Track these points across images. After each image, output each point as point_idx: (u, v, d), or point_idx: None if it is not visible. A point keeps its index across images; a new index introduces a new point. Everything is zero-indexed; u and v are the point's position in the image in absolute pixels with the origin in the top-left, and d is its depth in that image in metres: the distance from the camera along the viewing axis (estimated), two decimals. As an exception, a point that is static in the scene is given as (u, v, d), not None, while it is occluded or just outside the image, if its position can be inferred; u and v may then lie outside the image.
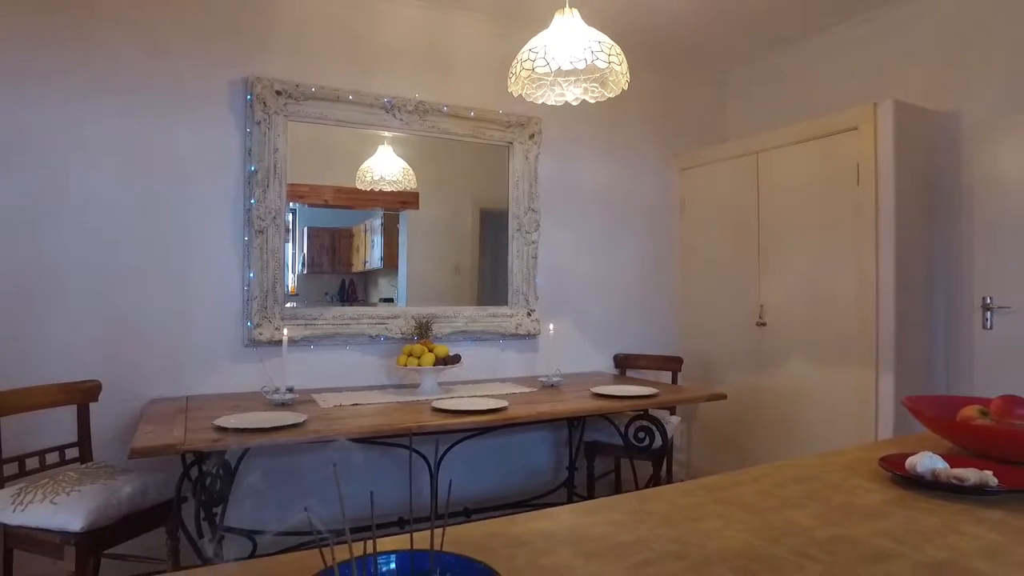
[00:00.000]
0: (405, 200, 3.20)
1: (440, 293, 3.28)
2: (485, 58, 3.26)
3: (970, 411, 1.32)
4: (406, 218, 3.23)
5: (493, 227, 3.38)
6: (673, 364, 3.39)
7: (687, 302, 3.82)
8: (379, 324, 2.94)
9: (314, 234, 3.06)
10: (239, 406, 2.31)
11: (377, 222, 3.26)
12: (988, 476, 1.01)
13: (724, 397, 2.82)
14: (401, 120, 3.01)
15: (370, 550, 0.62)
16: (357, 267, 3.21)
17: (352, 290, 3.19)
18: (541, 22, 3.19)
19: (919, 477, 1.06)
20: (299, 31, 2.86)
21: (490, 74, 3.24)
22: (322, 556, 0.57)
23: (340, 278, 3.16)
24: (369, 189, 3.08)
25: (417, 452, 2.78)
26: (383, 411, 2.34)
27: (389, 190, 3.12)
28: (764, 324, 3.32)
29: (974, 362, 2.82)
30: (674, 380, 3.36)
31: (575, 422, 3.19)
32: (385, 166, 3.11)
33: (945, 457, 1.10)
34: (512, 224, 3.30)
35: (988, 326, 2.73)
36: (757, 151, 3.40)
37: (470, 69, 3.23)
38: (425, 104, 3.04)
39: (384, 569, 0.63)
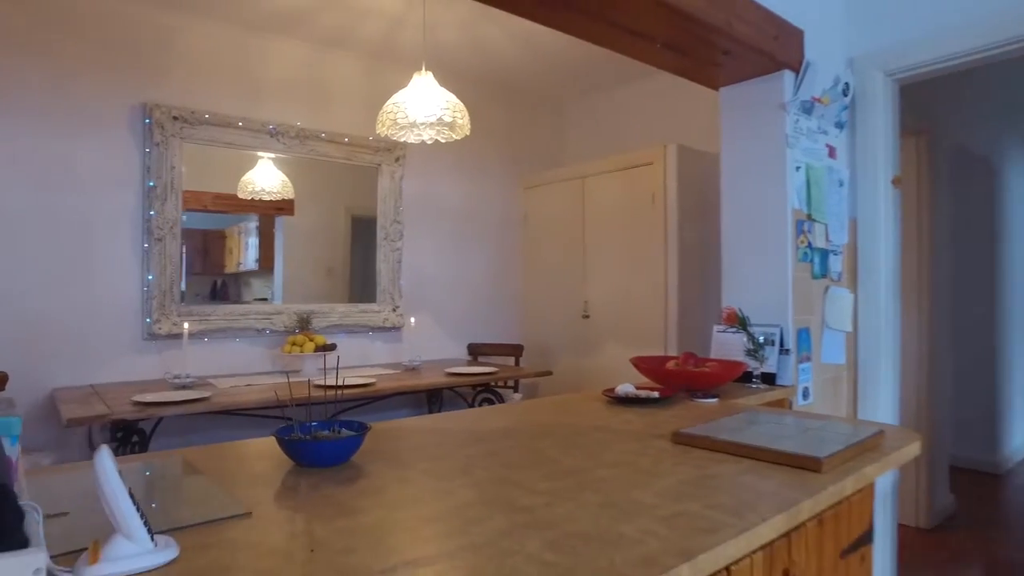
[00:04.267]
0: (281, 206, 3.63)
1: (315, 292, 3.69)
2: (359, 91, 3.83)
3: (670, 363, 2.14)
4: (282, 223, 3.60)
5: (363, 233, 3.89)
6: (516, 350, 4.14)
7: (528, 299, 4.59)
8: (265, 319, 3.43)
9: (187, 235, 3.24)
10: (146, 390, 2.73)
11: (252, 225, 3.62)
12: (653, 394, 1.81)
13: (550, 373, 3.60)
14: (284, 144, 3.51)
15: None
16: (230, 268, 3.46)
17: (224, 290, 3.46)
18: (406, 61, 3.87)
19: (621, 396, 1.84)
20: (195, 63, 3.28)
21: (363, 105, 3.82)
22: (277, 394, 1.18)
23: (211, 279, 3.37)
24: (249, 199, 3.46)
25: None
26: (272, 388, 2.86)
27: (268, 199, 3.51)
28: (588, 317, 4.15)
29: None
30: (516, 363, 4.11)
31: (433, 397, 3.84)
32: (266, 179, 3.51)
33: (638, 386, 1.89)
34: (380, 233, 3.89)
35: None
36: (584, 176, 4.22)
37: (346, 100, 3.79)
38: (306, 131, 3.56)
39: (312, 424, 1.25)
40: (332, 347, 3.29)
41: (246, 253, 3.52)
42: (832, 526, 1.15)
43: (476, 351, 4.25)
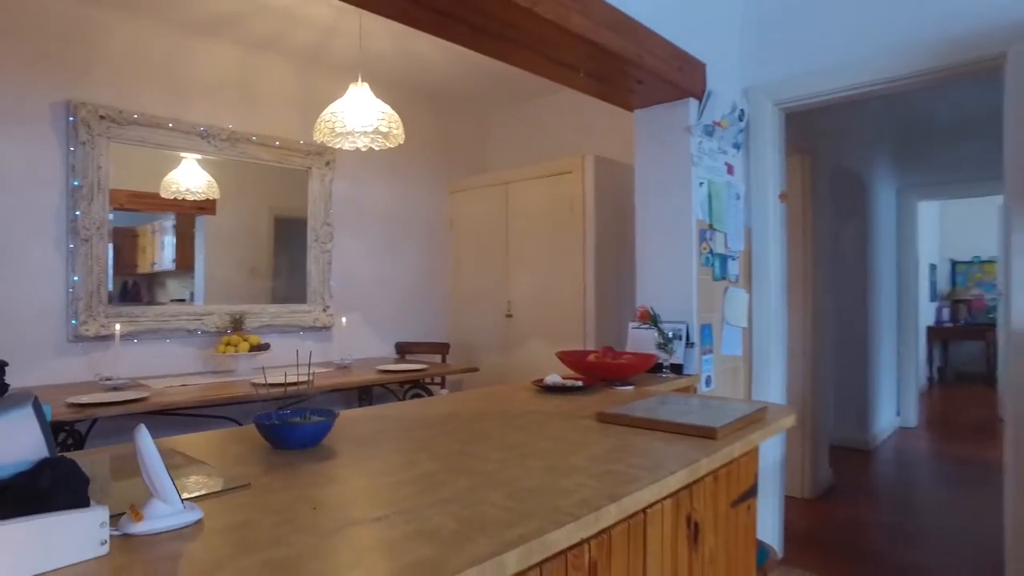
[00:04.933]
0: (203, 206, 3.63)
1: (238, 293, 3.68)
2: (291, 95, 3.90)
3: (591, 356, 2.39)
4: (203, 223, 3.57)
5: (288, 233, 3.93)
6: (443, 349, 4.32)
7: (454, 299, 4.78)
8: (196, 320, 3.45)
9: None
10: (75, 392, 2.71)
11: (168, 224, 3.60)
12: (577, 383, 2.05)
13: (476, 370, 3.81)
14: (215, 147, 3.53)
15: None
16: (143, 268, 3.39)
17: (135, 291, 3.38)
18: (339, 68, 3.96)
19: (549, 385, 2.07)
20: (123, 61, 3.25)
21: (294, 109, 3.89)
22: (255, 388, 1.33)
23: (121, 279, 3.26)
24: (173, 198, 3.42)
25: (237, 423, 3.36)
26: (210, 388, 2.92)
27: (193, 199, 3.48)
28: (511, 316, 4.39)
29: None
30: (443, 361, 4.29)
31: (363, 394, 3.96)
32: (191, 179, 3.49)
33: (563, 377, 2.13)
34: (310, 235, 3.97)
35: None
36: (507, 182, 4.45)
37: (277, 104, 3.84)
38: (237, 133, 3.60)
39: (285, 412, 1.40)
40: (266, 347, 3.36)
41: (161, 252, 3.47)
42: (724, 481, 1.42)
43: (404, 349, 4.40)
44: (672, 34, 2.43)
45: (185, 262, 3.53)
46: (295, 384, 2.97)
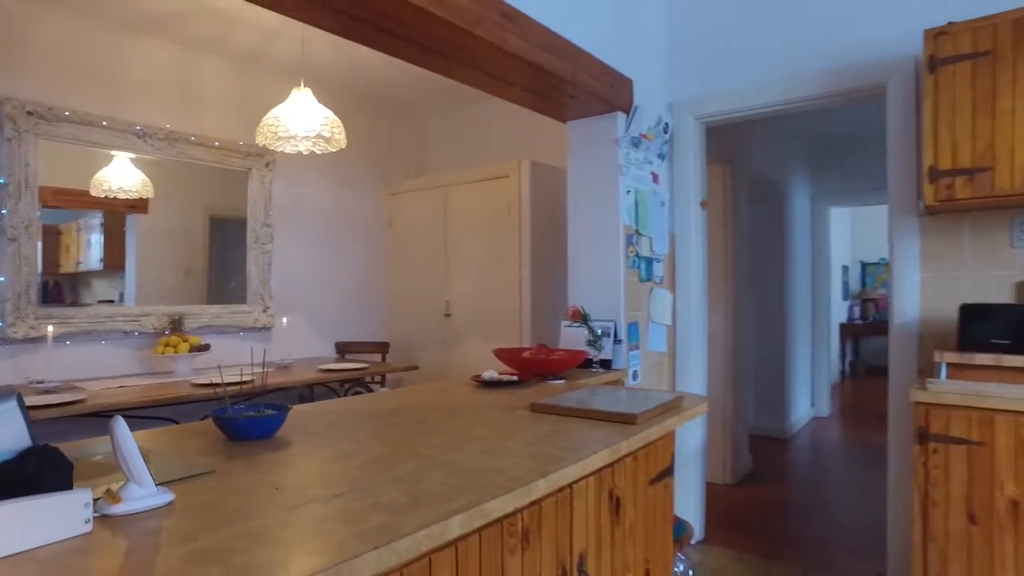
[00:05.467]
0: (135, 205, 3.58)
1: (171, 294, 3.64)
2: (231, 96, 3.89)
3: (526, 353, 2.55)
4: (135, 221, 3.51)
5: (225, 233, 3.91)
6: (382, 348, 4.40)
7: (393, 299, 4.86)
8: (133, 321, 3.41)
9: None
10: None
11: (95, 222, 3.53)
12: (512, 377, 2.20)
13: (416, 368, 3.92)
14: (152, 146, 3.50)
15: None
16: (67, 268, 3.28)
17: (58, 291, 3.27)
18: (280, 71, 3.98)
19: (486, 380, 2.22)
20: (53, 57, 3.19)
21: (234, 110, 3.89)
22: (215, 388, 1.42)
23: (43, 280, 3.14)
24: (104, 196, 3.35)
25: (176, 423, 3.34)
26: (150, 388, 2.92)
27: (125, 198, 3.42)
28: (450, 315, 4.51)
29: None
30: (383, 359, 4.37)
31: (304, 393, 4.00)
32: (123, 177, 3.42)
33: (500, 373, 2.28)
34: (250, 236, 3.98)
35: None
36: (446, 185, 4.56)
37: (217, 105, 3.83)
38: (175, 133, 3.58)
39: (240, 407, 1.49)
40: (206, 347, 3.36)
41: (88, 252, 3.39)
42: (643, 462, 1.60)
43: (344, 349, 4.45)
44: (603, 53, 2.62)
45: (114, 262, 3.46)
46: (248, 382, 3.01)
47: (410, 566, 0.92)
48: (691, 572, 2.18)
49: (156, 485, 1.01)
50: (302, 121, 2.94)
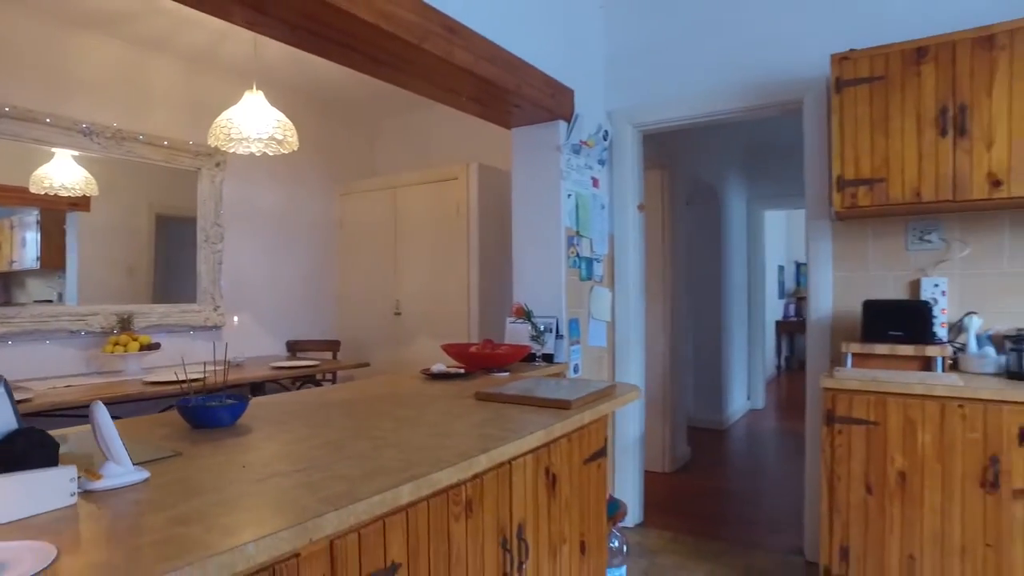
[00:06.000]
0: (76, 202, 3.54)
1: (115, 293, 3.59)
2: (180, 95, 3.90)
3: (473, 348, 2.70)
4: (75, 219, 3.44)
5: (173, 232, 3.89)
6: (333, 346, 4.47)
7: (344, 298, 4.93)
8: (79, 320, 3.41)
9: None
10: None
11: (30, 219, 3.46)
12: (460, 370, 2.35)
13: (367, 365, 4.01)
14: (100, 144, 3.50)
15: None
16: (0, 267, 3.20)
17: None
18: (232, 71, 4.01)
19: (435, 373, 2.35)
20: (-7, 57, 3.17)
21: (184, 109, 3.91)
22: (181, 385, 1.52)
23: None
24: (44, 193, 3.29)
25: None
26: (99, 388, 2.94)
27: (67, 195, 3.37)
28: (400, 314, 4.61)
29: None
30: (334, 357, 4.45)
31: (256, 390, 4.04)
32: (65, 175, 3.37)
33: (448, 366, 2.42)
34: (200, 235, 4.00)
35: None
36: (396, 186, 4.66)
37: (166, 104, 3.84)
38: (123, 132, 3.58)
39: (203, 398, 1.59)
40: (157, 346, 3.39)
41: (22, 250, 3.32)
42: (577, 443, 1.77)
43: (295, 347, 4.50)
44: (545, 65, 2.78)
45: (52, 260, 3.39)
46: (201, 380, 3.06)
47: (367, 527, 1.06)
48: (625, 548, 2.37)
49: (132, 464, 1.12)
50: (255, 123, 3.01)
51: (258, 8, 1.69)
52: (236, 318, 4.06)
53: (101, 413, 1.07)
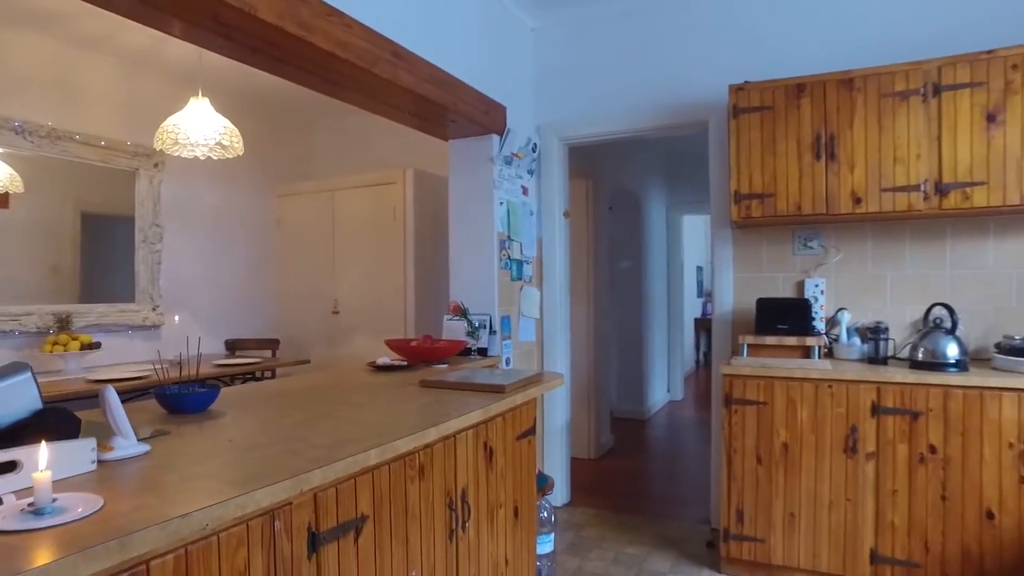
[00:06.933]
0: None
1: (37, 292, 3.55)
2: (119, 96, 3.93)
3: (414, 343, 2.93)
4: None
5: (100, 230, 3.86)
6: (272, 344, 4.59)
7: (283, 297, 5.03)
8: (13, 320, 3.41)
9: None
10: None
11: None
12: (403, 362, 2.59)
13: (308, 362, 4.17)
14: (33, 143, 3.51)
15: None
16: None
17: None
18: (171, 70, 4.06)
19: (381, 365, 2.58)
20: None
21: (122, 110, 3.94)
22: (158, 375, 1.70)
23: None
24: None
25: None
26: (45, 386, 2.98)
27: None
28: (338, 313, 4.76)
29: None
30: (274, 355, 4.56)
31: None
32: None
33: (392, 359, 2.65)
34: (138, 236, 4.05)
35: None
36: (334, 189, 4.81)
37: (103, 103, 3.86)
38: (58, 131, 3.60)
39: (176, 386, 1.76)
40: (97, 345, 3.44)
41: None
42: (511, 422, 2.05)
43: (234, 346, 4.59)
44: (481, 84, 3.05)
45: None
46: (135, 379, 3.15)
47: (343, 483, 1.30)
48: (553, 518, 2.66)
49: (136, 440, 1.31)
50: (202, 129, 3.13)
51: (228, 36, 1.87)
52: (177, 317, 4.13)
53: (112, 395, 1.26)
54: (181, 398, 1.67)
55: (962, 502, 2.31)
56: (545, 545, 2.59)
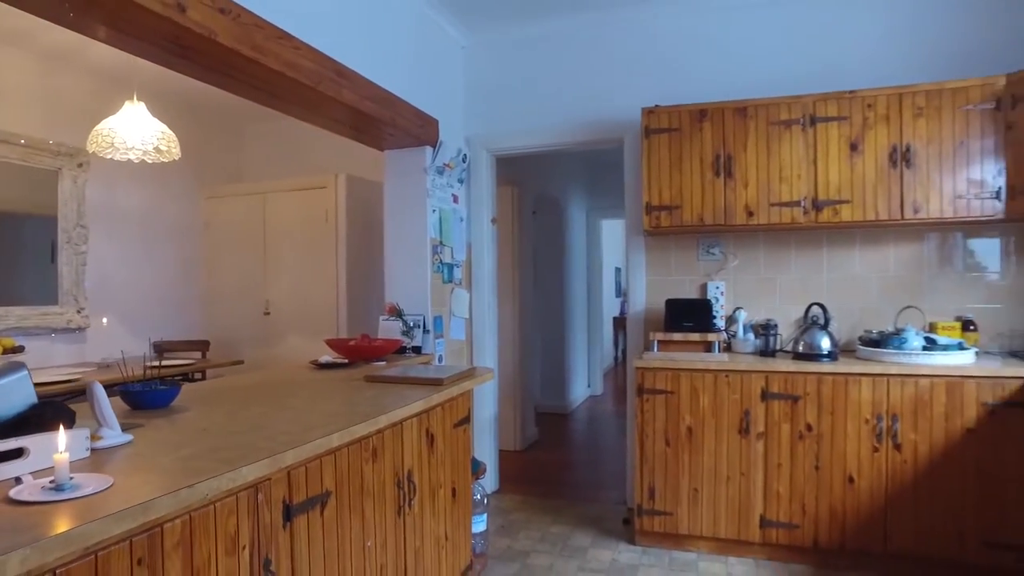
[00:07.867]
0: None
1: None
2: (37, 92, 3.86)
3: (352, 342, 3.10)
4: None
5: (12, 231, 3.74)
6: (202, 345, 4.59)
7: (213, 299, 5.02)
8: (-67, 323, 3.33)
9: None
10: None
11: None
12: (344, 360, 2.76)
13: (241, 363, 4.23)
14: (-48, 145, 3.43)
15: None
16: None
17: None
18: (93, 68, 4.01)
19: (323, 363, 2.75)
20: None
21: (41, 106, 3.87)
22: (121, 369, 1.83)
23: None
24: None
25: None
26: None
27: None
28: (269, 314, 4.81)
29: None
30: (204, 357, 4.57)
31: (125, 393, 4.11)
32: None
33: (333, 357, 2.82)
34: (62, 237, 3.98)
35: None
36: (265, 192, 4.85)
37: (22, 100, 3.79)
38: (-25, 132, 3.52)
39: (139, 384, 1.88)
40: (21, 349, 3.40)
41: None
42: (449, 411, 2.27)
43: (164, 348, 4.57)
44: (416, 100, 3.25)
45: None
46: (66, 381, 3.16)
47: (311, 463, 1.49)
48: (485, 500, 2.91)
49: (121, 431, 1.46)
50: (139, 133, 3.17)
51: (185, 57, 2.00)
52: (105, 320, 4.09)
53: (99, 390, 1.40)
54: (147, 394, 1.80)
55: (831, 470, 2.73)
56: (479, 524, 2.83)
